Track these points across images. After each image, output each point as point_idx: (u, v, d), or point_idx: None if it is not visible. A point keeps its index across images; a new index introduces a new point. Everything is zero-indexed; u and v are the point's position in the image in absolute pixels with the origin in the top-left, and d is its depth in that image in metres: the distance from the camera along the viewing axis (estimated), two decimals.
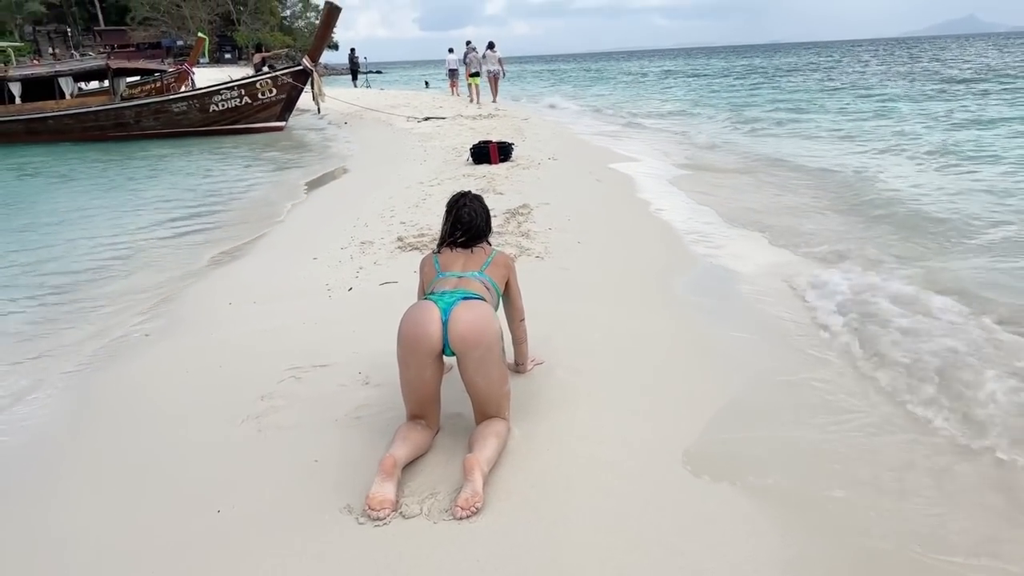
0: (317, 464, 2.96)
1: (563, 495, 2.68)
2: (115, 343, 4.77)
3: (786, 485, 2.78)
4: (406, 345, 2.87)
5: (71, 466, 3.18)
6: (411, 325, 2.87)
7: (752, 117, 18.43)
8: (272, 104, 19.21)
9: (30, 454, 3.38)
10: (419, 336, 2.83)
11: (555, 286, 5.03)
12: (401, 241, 6.33)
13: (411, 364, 2.89)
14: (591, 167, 10.28)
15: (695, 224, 7.13)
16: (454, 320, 2.84)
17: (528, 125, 16.06)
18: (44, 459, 3.32)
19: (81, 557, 2.53)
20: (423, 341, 2.83)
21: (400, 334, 2.90)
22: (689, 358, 3.96)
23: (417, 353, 2.85)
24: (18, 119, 19.10)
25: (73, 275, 6.63)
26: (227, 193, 10.80)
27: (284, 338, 4.38)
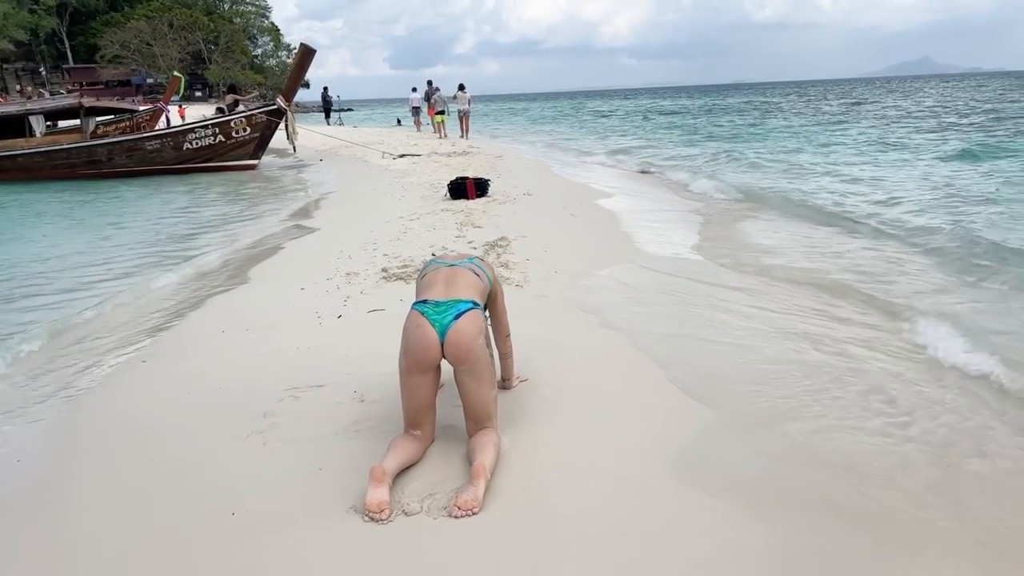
0: (322, 471, 3.20)
1: (548, 495, 2.96)
2: (112, 371, 4.94)
3: (776, 493, 3.01)
4: (410, 359, 3.17)
5: (80, 484, 3.33)
6: (414, 343, 3.16)
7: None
8: (246, 142, 19.43)
9: (35, 479, 3.49)
10: (421, 356, 3.15)
11: (535, 312, 5.34)
12: (386, 272, 6.61)
13: (413, 373, 3.19)
14: (565, 202, 10.71)
15: (663, 251, 7.53)
16: (449, 340, 3.14)
17: (503, 162, 16.53)
18: (50, 481, 3.46)
19: (100, 558, 2.73)
20: (424, 358, 3.15)
21: (403, 348, 3.20)
22: (658, 374, 4.27)
23: (419, 366, 3.17)
24: None
25: (59, 308, 6.77)
26: (206, 229, 10.98)
27: (279, 362, 4.62)
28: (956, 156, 16.21)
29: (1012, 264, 6.73)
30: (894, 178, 13.52)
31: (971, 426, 3.62)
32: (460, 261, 3.52)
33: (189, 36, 76.50)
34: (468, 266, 3.48)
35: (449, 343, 3.14)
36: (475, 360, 3.17)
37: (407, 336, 3.21)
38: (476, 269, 3.49)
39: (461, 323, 3.16)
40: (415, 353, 3.16)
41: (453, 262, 3.51)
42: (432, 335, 3.15)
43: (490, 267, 3.68)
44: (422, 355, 3.15)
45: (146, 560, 2.68)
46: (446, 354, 3.16)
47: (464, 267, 3.46)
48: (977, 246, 7.47)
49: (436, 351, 3.15)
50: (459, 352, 3.14)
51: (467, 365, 3.16)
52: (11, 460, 3.66)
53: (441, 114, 25.33)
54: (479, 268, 3.52)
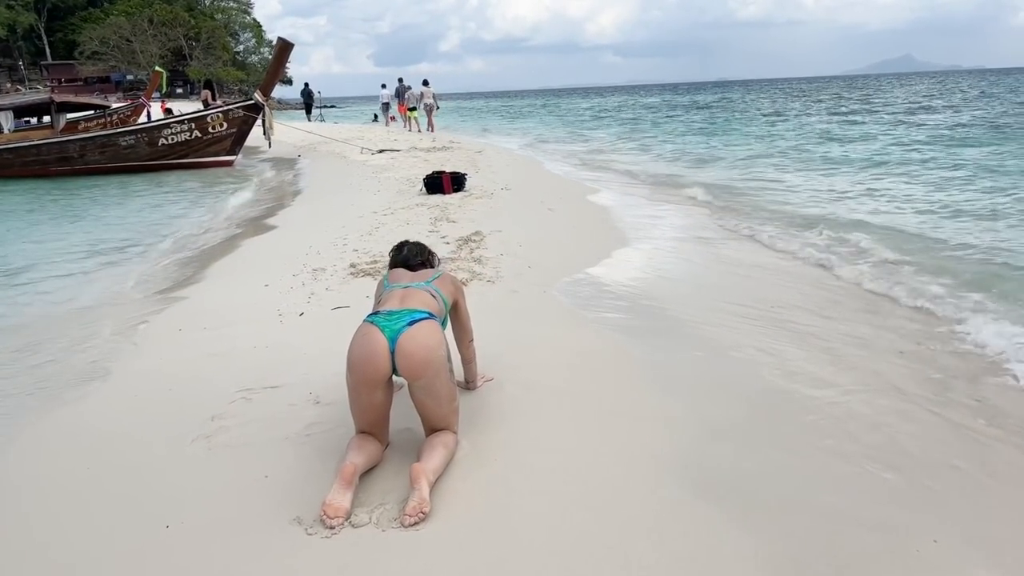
0: (267, 479, 2.99)
1: (510, 500, 2.76)
2: (60, 370, 4.70)
3: (758, 496, 2.85)
4: (355, 374, 2.91)
5: (8, 489, 3.13)
6: (359, 354, 2.89)
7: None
8: (223, 138, 19.07)
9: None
10: (367, 366, 2.87)
11: (505, 308, 5.14)
12: (354, 268, 6.38)
13: (361, 392, 2.93)
14: (544, 197, 10.51)
15: (642, 248, 7.35)
16: (401, 349, 2.86)
17: (483, 157, 16.31)
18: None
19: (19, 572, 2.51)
20: (371, 371, 2.87)
21: (349, 362, 2.94)
22: (629, 373, 4.09)
23: (366, 383, 2.90)
24: None
25: (15, 305, 6.50)
26: (175, 224, 10.69)
27: (234, 362, 4.39)
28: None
29: None
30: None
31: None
32: (415, 283, 3.27)
33: (170, 32, 75.46)
34: (424, 288, 3.23)
35: (401, 353, 2.85)
36: (432, 375, 2.90)
37: (352, 348, 2.93)
38: (432, 291, 3.24)
39: (415, 329, 2.89)
40: (361, 366, 2.87)
41: (408, 283, 3.26)
42: (381, 344, 2.86)
43: (449, 282, 3.44)
44: (369, 368, 2.86)
45: None
46: (398, 366, 2.88)
47: (420, 288, 3.22)
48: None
49: (385, 363, 2.86)
50: (413, 364, 2.86)
51: (423, 380, 2.90)
52: None
53: (413, 110, 26.92)
54: (435, 291, 3.26)
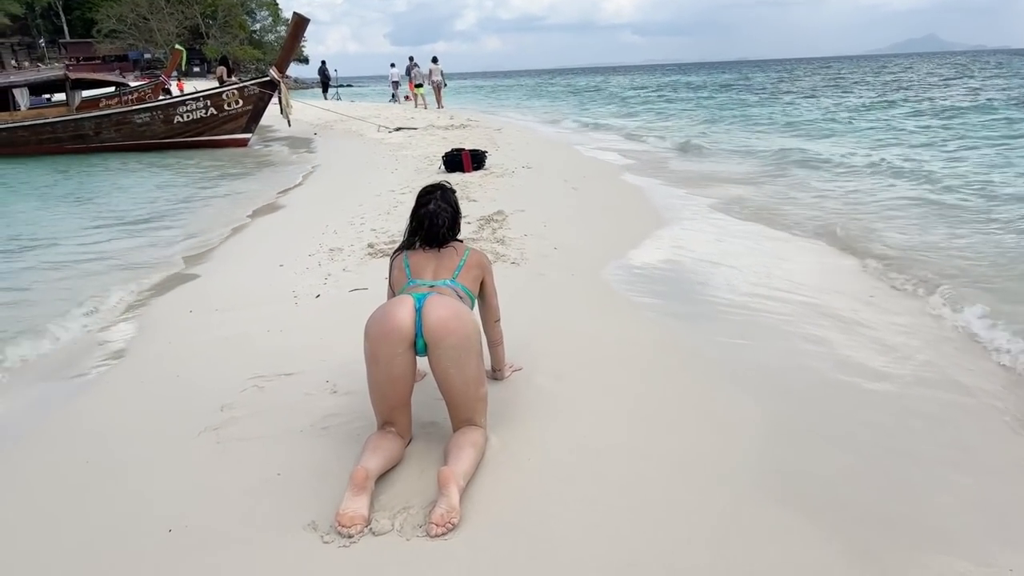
0: (280, 477, 2.74)
1: (546, 508, 2.49)
2: (66, 352, 4.48)
3: (827, 505, 2.57)
4: (374, 335, 2.67)
5: (5, 483, 2.90)
6: (380, 314, 2.69)
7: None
8: (238, 116, 18.78)
9: None
10: (388, 324, 2.64)
11: (532, 292, 4.86)
12: (371, 248, 6.11)
13: (379, 357, 2.67)
14: (567, 175, 10.17)
15: (674, 229, 7.02)
16: (429, 307, 2.66)
17: (502, 135, 15.95)
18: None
19: None
20: (393, 329, 2.63)
21: (368, 326, 2.71)
22: (673, 364, 3.80)
23: (386, 342, 2.64)
24: None
25: (20, 289, 6.29)
26: (191, 203, 10.46)
27: (247, 346, 4.15)
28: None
29: None
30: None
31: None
32: (441, 281, 2.97)
33: (186, 10, 75.10)
34: (450, 287, 2.95)
35: (428, 315, 2.64)
36: (463, 338, 2.66)
37: (373, 313, 2.73)
38: (459, 291, 2.98)
39: (442, 295, 2.72)
40: (380, 323, 2.65)
41: (433, 282, 2.96)
42: (405, 302, 2.67)
43: (475, 265, 3.11)
44: (390, 326, 2.63)
45: None
46: (425, 327, 2.64)
47: (446, 287, 2.93)
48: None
49: (407, 320, 2.63)
50: (440, 325, 2.63)
51: (452, 340, 2.64)
52: None
53: (420, 87, 27.61)
54: (462, 290, 2.99)
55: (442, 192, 3.15)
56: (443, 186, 3.19)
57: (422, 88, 27.56)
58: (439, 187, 3.17)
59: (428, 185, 3.21)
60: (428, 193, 3.14)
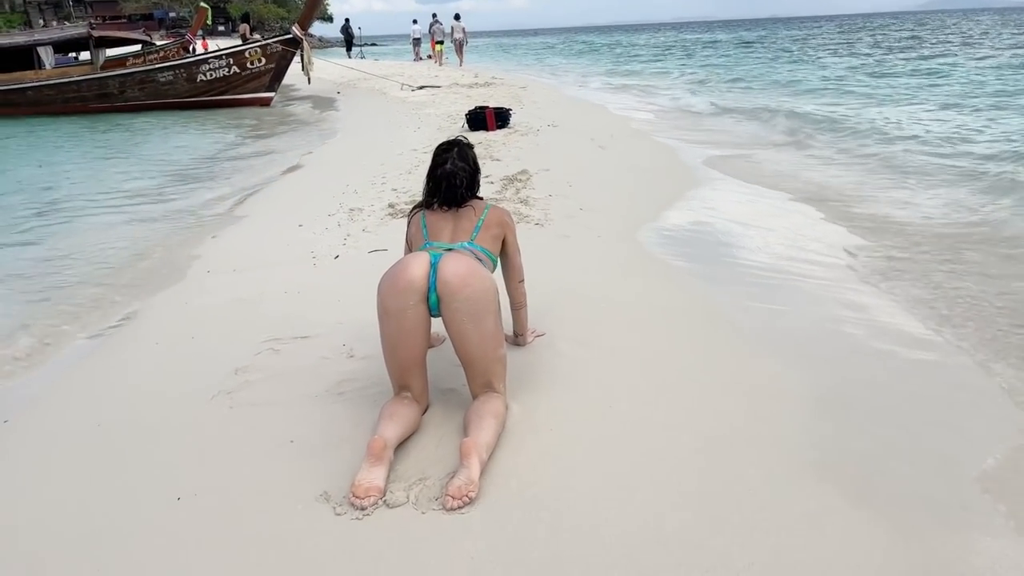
0: (293, 445, 2.65)
1: (568, 482, 2.37)
2: (80, 312, 4.43)
3: (847, 478, 2.43)
4: (385, 289, 2.57)
5: (17, 446, 2.85)
6: (393, 269, 2.60)
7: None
8: (261, 74, 18.58)
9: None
10: (401, 277, 2.54)
11: (556, 254, 4.69)
12: (392, 208, 5.97)
13: (391, 310, 2.56)
14: (593, 134, 9.89)
15: (705, 191, 6.77)
16: (444, 260, 2.56)
17: (527, 93, 15.60)
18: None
19: (24, 547, 2.21)
20: (405, 281, 2.53)
21: (380, 281, 2.62)
22: (704, 331, 3.63)
23: (397, 293, 2.53)
24: None
25: (44, 239, 6.26)
26: (212, 161, 10.37)
27: (264, 308, 4.05)
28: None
29: None
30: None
31: None
32: (459, 244, 2.84)
33: None
34: (468, 250, 2.81)
35: (443, 268, 2.54)
36: (478, 291, 2.54)
37: (386, 271, 2.64)
38: (478, 252, 2.84)
39: (459, 252, 2.64)
40: (391, 277, 2.56)
41: (451, 244, 2.83)
42: (420, 257, 2.58)
43: (495, 223, 2.95)
44: (402, 279, 2.53)
45: (71, 556, 2.15)
46: (439, 283, 2.53)
47: (464, 250, 2.79)
48: None
49: (421, 274, 2.54)
50: (455, 277, 2.52)
51: (468, 292, 2.52)
52: None
53: (440, 44, 27.56)
54: (482, 252, 2.86)
55: (459, 149, 2.98)
56: (460, 142, 3.02)
57: (442, 45, 27.60)
58: (455, 144, 3.00)
59: (444, 142, 3.04)
60: (444, 151, 2.98)
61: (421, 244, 2.87)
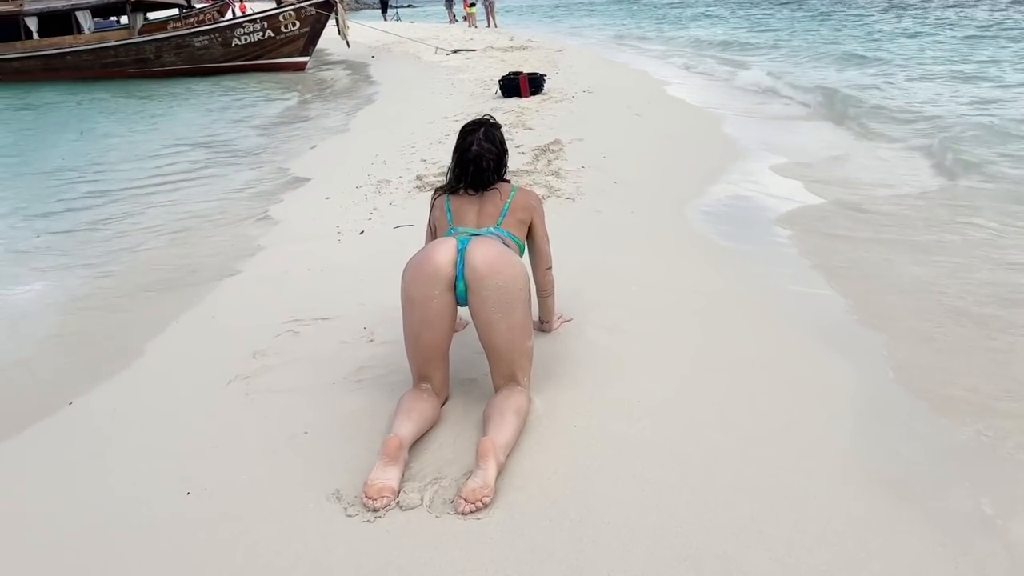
0: (307, 437, 2.55)
1: (593, 486, 2.23)
2: (103, 284, 4.39)
3: (905, 487, 2.26)
4: (410, 275, 2.48)
5: (25, 424, 2.81)
6: (419, 255, 2.51)
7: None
8: (295, 38, 18.47)
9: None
10: (427, 264, 2.44)
11: (587, 231, 4.51)
12: (420, 180, 5.82)
13: (416, 298, 2.46)
14: (631, 100, 9.57)
15: (749, 164, 6.48)
16: (472, 246, 2.45)
17: (563, 57, 15.22)
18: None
19: (31, 538, 2.16)
20: (431, 268, 2.43)
21: (405, 268, 2.52)
22: (746, 317, 3.44)
23: (422, 282, 2.43)
24: (36, 55, 18.65)
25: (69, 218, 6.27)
26: (241, 129, 10.31)
27: (286, 286, 3.97)
28: None
29: None
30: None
31: None
32: (485, 229, 2.71)
33: None
34: (494, 235, 2.68)
35: (471, 254, 2.43)
36: (508, 278, 2.42)
37: (412, 257, 2.54)
38: (504, 238, 2.71)
39: (487, 237, 2.54)
40: (419, 264, 2.46)
41: (477, 230, 2.70)
42: (447, 243, 2.48)
43: (521, 207, 2.81)
44: (428, 266, 2.43)
45: (76, 550, 2.10)
46: (467, 270, 2.42)
47: (490, 236, 2.66)
48: None
49: (448, 261, 2.43)
50: (484, 264, 2.41)
51: (496, 282, 2.40)
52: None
53: (472, 6, 27.90)
54: (508, 237, 2.73)
55: (485, 130, 2.84)
56: (487, 122, 2.88)
57: (474, 8, 27.84)
58: (482, 124, 2.86)
59: (470, 122, 2.90)
60: (470, 132, 2.84)
61: (446, 230, 2.76)
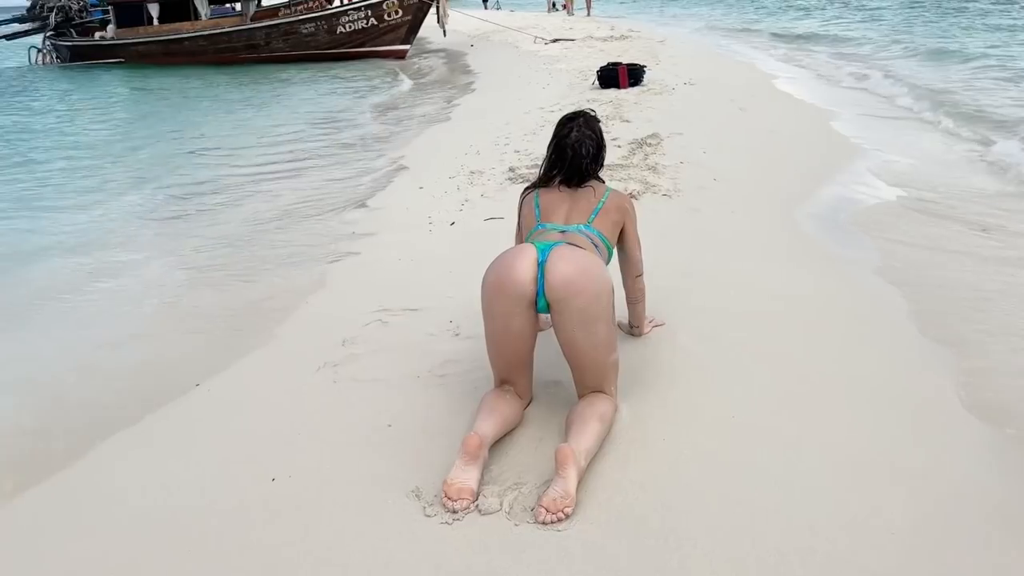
0: (390, 430, 2.55)
1: (679, 503, 2.11)
2: (201, 274, 4.56)
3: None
4: (490, 288, 2.40)
5: (119, 411, 2.93)
6: (498, 265, 2.41)
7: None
8: (398, 26, 18.83)
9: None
10: (506, 279, 2.35)
11: (683, 231, 4.35)
12: (512, 172, 5.78)
13: (496, 313, 2.40)
14: (735, 94, 9.21)
15: (864, 164, 6.10)
16: (553, 261, 2.33)
17: (664, 48, 14.82)
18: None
19: (121, 519, 2.24)
20: (510, 285, 2.34)
21: (485, 276, 2.44)
22: (859, 330, 3.21)
23: (503, 297, 2.36)
24: (156, 40, 19.77)
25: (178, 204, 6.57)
26: (344, 117, 10.55)
27: (377, 275, 4.03)
28: None
29: None
30: None
31: None
32: (574, 226, 2.61)
33: None
34: (584, 233, 2.58)
35: (551, 270, 2.31)
36: (590, 298, 2.31)
37: (492, 264, 2.44)
38: (594, 238, 2.60)
39: (572, 244, 2.41)
40: (496, 277, 2.38)
41: (565, 226, 2.61)
42: (527, 252, 2.36)
43: (614, 209, 2.70)
44: (508, 282, 2.34)
45: (165, 530, 2.16)
46: (547, 288, 2.31)
47: (579, 233, 2.58)
48: None
49: (528, 279, 2.32)
50: (564, 284, 2.29)
51: (579, 301, 2.30)
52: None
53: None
54: (598, 237, 2.62)
55: (585, 119, 2.76)
56: (585, 113, 2.79)
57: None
58: (581, 114, 2.78)
59: (568, 113, 2.81)
60: (569, 120, 2.76)
61: (533, 225, 2.67)
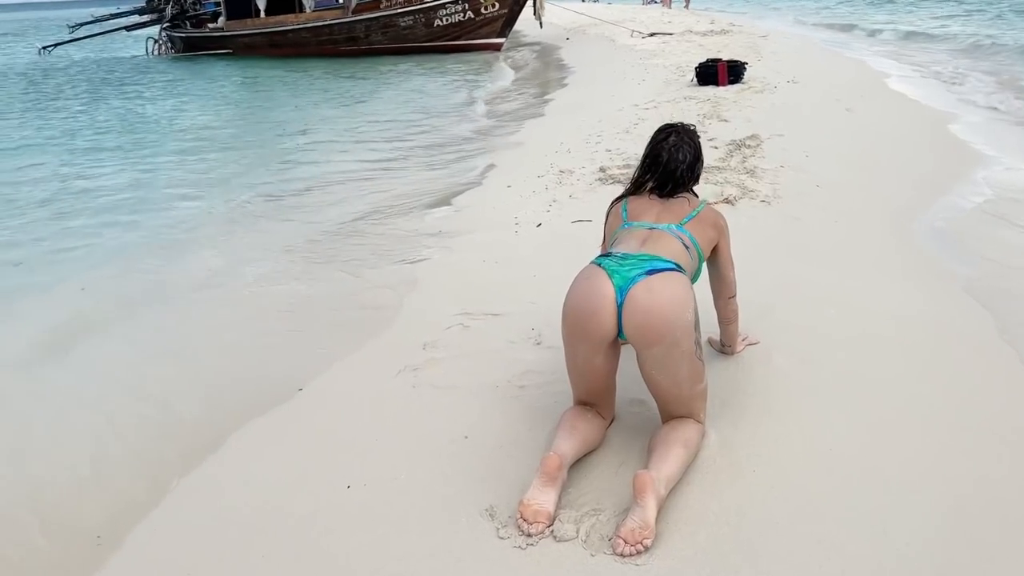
0: (467, 441, 2.50)
1: (768, 543, 1.97)
2: (284, 264, 4.66)
3: None
4: (571, 328, 2.31)
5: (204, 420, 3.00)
6: (575, 303, 2.29)
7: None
8: (494, 19, 18.87)
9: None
10: (584, 321, 2.25)
11: (783, 241, 4.12)
12: (603, 172, 5.64)
13: (578, 351, 2.32)
14: (841, 93, 8.71)
15: (978, 172, 5.64)
16: (631, 304, 2.19)
17: (767, 43, 14.22)
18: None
19: (200, 514, 2.30)
20: (591, 328, 2.24)
21: (564, 311, 2.33)
22: (973, 358, 2.95)
23: (584, 341, 2.27)
24: (262, 32, 20.56)
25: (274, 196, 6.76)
26: (435, 116, 10.55)
27: (461, 277, 4.00)
28: None
29: None
30: None
31: None
32: (663, 224, 2.49)
33: None
34: (674, 233, 2.46)
35: (631, 309, 2.18)
36: (670, 344, 2.17)
37: (570, 294, 2.33)
38: (684, 239, 2.46)
39: (654, 280, 2.20)
40: (576, 319, 2.27)
41: (654, 224, 2.49)
42: (606, 294, 2.21)
43: (710, 223, 2.57)
44: (587, 324, 2.23)
45: (237, 525, 2.19)
46: (625, 327, 2.21)
47: (669, 232, 2.45)
48: None
49: (608, 320, 2.21)
50: (645, 326, 2.17)
51: (656, 350, 2.19)
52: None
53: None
54: (688, 239, 2.48)
55: (684, 128, 2.69)
56: (683, 124, 2.72)
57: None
58: (680, 124, 2.72)
59: (664, 124, 2.74)
60: (667, 127, 2.70)
61: (618, 226, 2.57)
